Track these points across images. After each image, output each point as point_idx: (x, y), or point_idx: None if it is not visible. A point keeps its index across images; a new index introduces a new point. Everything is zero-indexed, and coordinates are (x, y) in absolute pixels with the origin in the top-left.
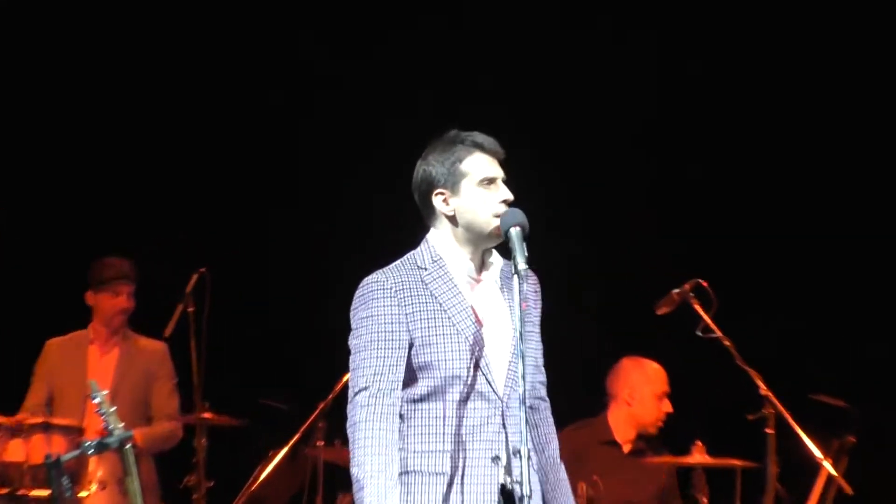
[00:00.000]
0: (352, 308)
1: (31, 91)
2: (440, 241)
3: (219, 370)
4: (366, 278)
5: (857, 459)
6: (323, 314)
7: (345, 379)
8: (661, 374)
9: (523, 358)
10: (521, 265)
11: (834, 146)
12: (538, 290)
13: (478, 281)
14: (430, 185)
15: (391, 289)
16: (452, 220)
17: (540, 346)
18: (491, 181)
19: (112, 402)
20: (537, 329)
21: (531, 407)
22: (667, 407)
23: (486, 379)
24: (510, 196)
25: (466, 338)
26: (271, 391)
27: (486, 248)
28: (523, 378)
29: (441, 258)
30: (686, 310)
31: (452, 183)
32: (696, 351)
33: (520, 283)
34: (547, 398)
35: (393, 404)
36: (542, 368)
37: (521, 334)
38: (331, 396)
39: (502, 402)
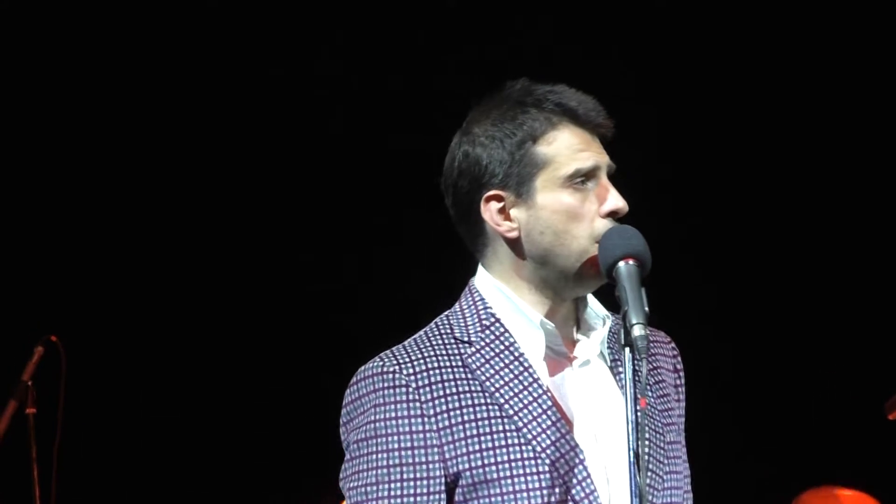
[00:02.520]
0: (341, 420)
1: None
2: (496, 288)
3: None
4: (364, 366)
5: None
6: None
7: None
8: None
9: (641, 498)
10: (637, 328)
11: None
12: (678, 366)
13: (568, 359)
14: (476, 183)
15: (409, 385)
16: (516, 246)
17: (686, 467)
18: (588, 176)
19: None
20: (681, 438)
21: None
22: None
23: None
24: (621, 203)
25: (555, 467)
26: None
27: (578, 297)
28: None
29: (498, 321)
30: None
31: (519, 179)
32: None
33: (635, 361)
34: None
35: None
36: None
37: (636, 454)
38: None
39: None
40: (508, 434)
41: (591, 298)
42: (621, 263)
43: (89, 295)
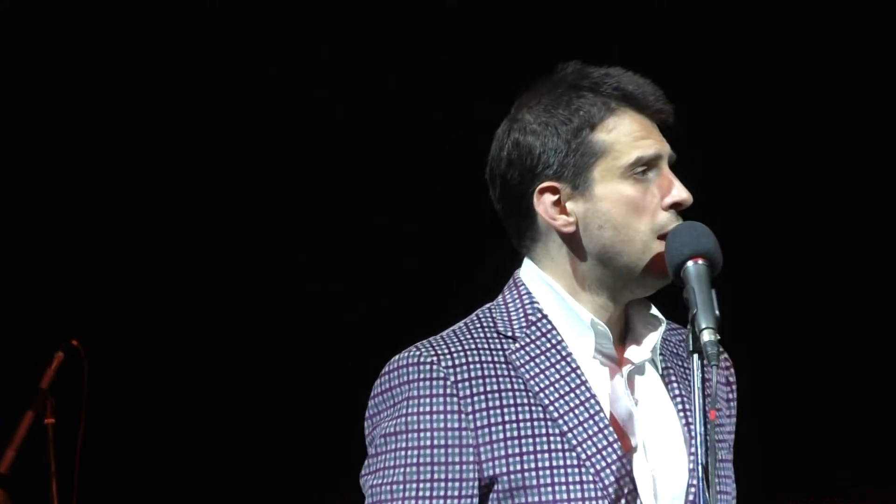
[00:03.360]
0: (367, 413)
1: None
2: (545, 283)
3: None
4: (398, 355)
5: None
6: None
7: None
8: None
9: None
10: (707, 333)
11: None
12: (731, 379)
13: (620, 363)
14: (528, 174)
15: (448, 378)
16: (573, 242)
17: (734, 488)
18: (650, 165)
19: None
20: (731, 456)
21: None
22: None
23: None
24: (685, 195)
25: (600, 477)
26: None
27: (634, 299)
28: None
29: (546, 317)
30: None
31: (575, 169)
32: None
33: (705, 370)
34: None
35: None
36: None
37: (705, 467)
38: None
39: None
40: (552, 438)
41: (645, 301)
42: (690, 263)
43: (99, 296)
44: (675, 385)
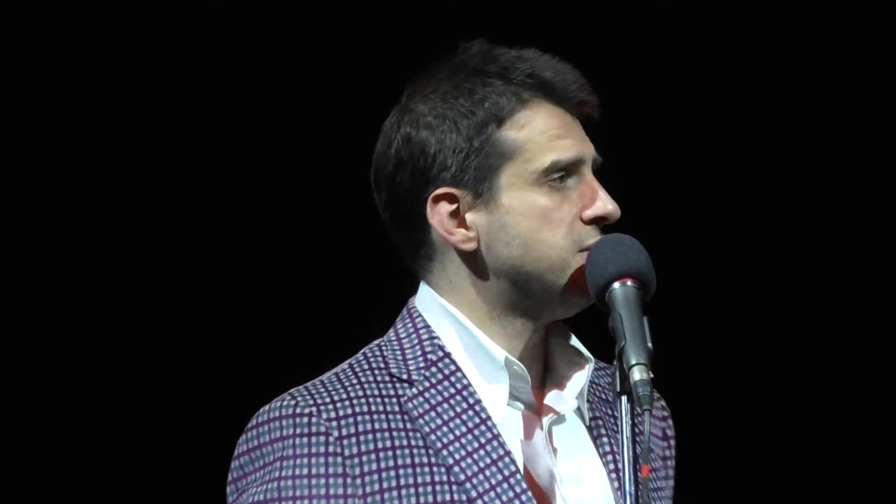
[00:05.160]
0: (231, 476)
1: None
2: (445, 313)
3: None
4: (269, 406)
5: None
6: None
7: None
8: None
9: None
10: (638, 371)
11: None
12: (670, 432)
13: (539, 410)
14: (421, 177)
15: (330, 433)
16: (474, 261)
17: None
18: (569, 171)
19: None
20: None
21: None
22: None
23: None
24: (611, 207)
25: None
26: None
27: (553, 327)
28: None
29: (448, 356)
30: None
31: (478, 174)
32: None
33: (635, 414)
34: None
35: None
36: None
37: None
38: None
39: None
40: None
41: (566, 332)
42: (617, 284)
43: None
44: (605, 440)
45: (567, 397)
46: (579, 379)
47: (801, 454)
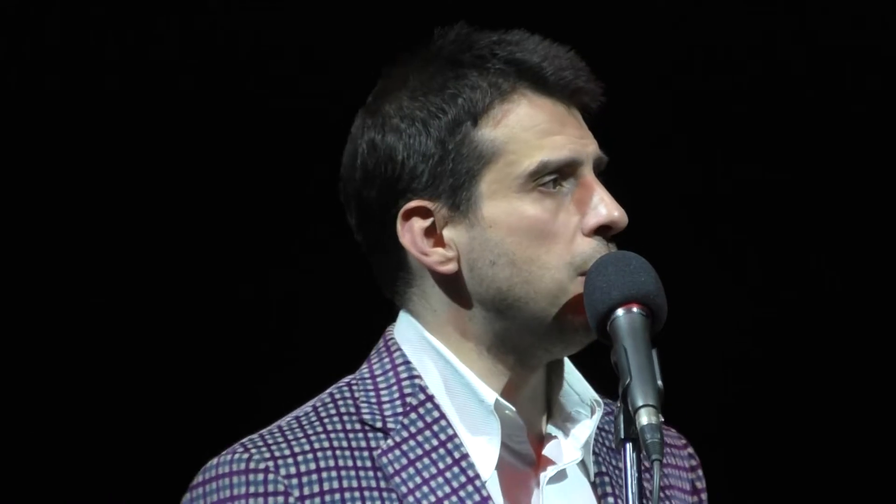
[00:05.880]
0: None
1: None
2: (428, 347)
3: None
4: (216, 459)
5: None
6: None
7: None
8: None
9: None
10: (646, 414)
11: None
12: (700, 484)
13: (533, 466)
14: (389, 190)
15: (290, 493)
16: (454, 286)
17: None
18: (564, 173)
19: None
20: None
21: None
22: None
23: None
24: (617, 213)
25: None
26: None
27: (555, 363)
28: None
29: (431, 399)
30: None
31: (454, 182)
32: None
33: (642, 466)
34: None
35: None
36: None
37: None
38: None
39: None
40: None
41: (571, 371)
42: (620, 312)
43: None
44: (611, 501)
45: (570, 447)
46: (585, 427)
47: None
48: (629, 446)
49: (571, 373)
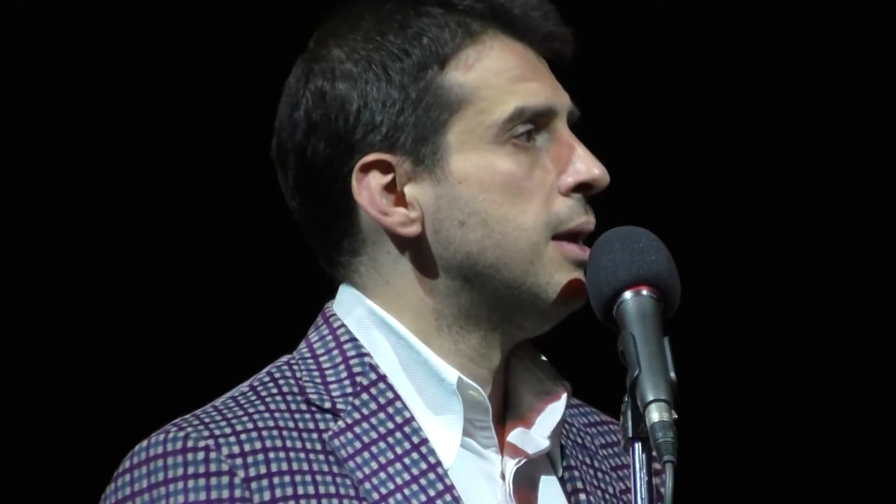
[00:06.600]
0: None
1: None
2: (378, 321)
3: None
4: (152, 438)
5: None
6: None
7: None
8: None
9: None
10: (657, 410)
11: None
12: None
13: (501, 450)
14: (341, 143)
15: (235, 473)
16: (418, 250)
17: None
18: (539, 124)
19: None
20: None
21: None
22: None
23: None
24: (597, 171)
25: None
26: None
27: (521, 342)
28: None
29: (383, 378)
30: None
31: (418, 133)
32: None
33: (651, 468)
34: None
35: None
36: None
37: None
38: None
39: None
40: None
41: (532, 349)
42: (628, 294)
43: None
44: (582, 498)
45: (536, 436)
46: (552, 413)
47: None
48: (638, 446)
49: (535, 354)
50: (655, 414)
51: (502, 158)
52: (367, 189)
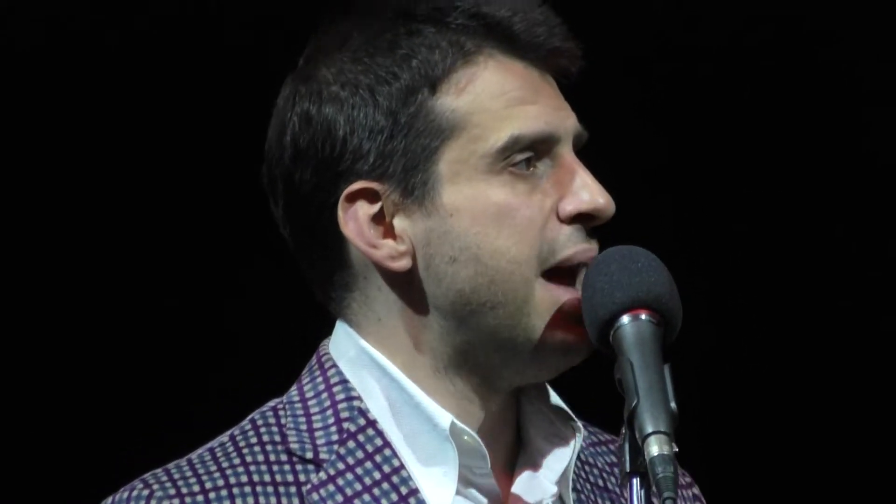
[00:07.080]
0: None
1: None
2: (370, 362)
3: None
4: (111, 497)
5: None
6: None
7: None
8: None
9: None
10: (656, 443)
11: None
12: None
13: (505, 501)
14: (327, 171)
15: None
16: (407, 287)
17: None
18: (539, 151)
19: None
20: None
21: None
22: None
23: None
24: (602, 199)
25: None
26: None
27: (525, 386)
28: None
29: (373, 424)
30: None
31: (408, 161)
32: None
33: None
34: None
35: None
36: None
37: None
38: None
39: None
40: None
41: (543, 389)
42: (626, 319)
43: None
44: None
45: (544, 482)
46: (561, 457)
47: None
48: (636, 481)
49: (545, 392)
50: (655, 447)
51: (497, 189)
52: (354, 219)
